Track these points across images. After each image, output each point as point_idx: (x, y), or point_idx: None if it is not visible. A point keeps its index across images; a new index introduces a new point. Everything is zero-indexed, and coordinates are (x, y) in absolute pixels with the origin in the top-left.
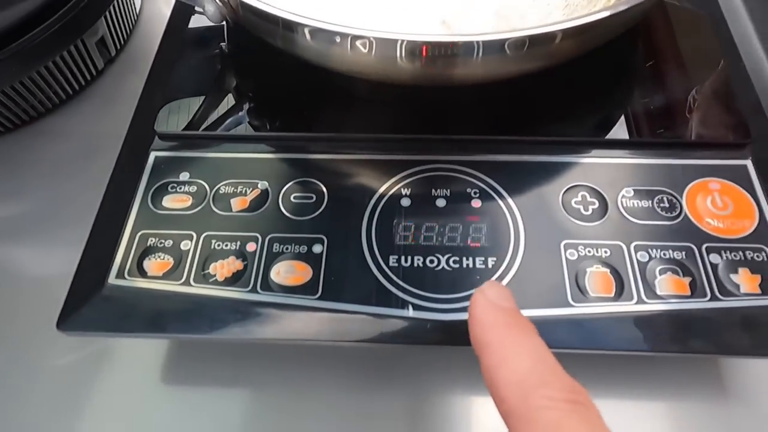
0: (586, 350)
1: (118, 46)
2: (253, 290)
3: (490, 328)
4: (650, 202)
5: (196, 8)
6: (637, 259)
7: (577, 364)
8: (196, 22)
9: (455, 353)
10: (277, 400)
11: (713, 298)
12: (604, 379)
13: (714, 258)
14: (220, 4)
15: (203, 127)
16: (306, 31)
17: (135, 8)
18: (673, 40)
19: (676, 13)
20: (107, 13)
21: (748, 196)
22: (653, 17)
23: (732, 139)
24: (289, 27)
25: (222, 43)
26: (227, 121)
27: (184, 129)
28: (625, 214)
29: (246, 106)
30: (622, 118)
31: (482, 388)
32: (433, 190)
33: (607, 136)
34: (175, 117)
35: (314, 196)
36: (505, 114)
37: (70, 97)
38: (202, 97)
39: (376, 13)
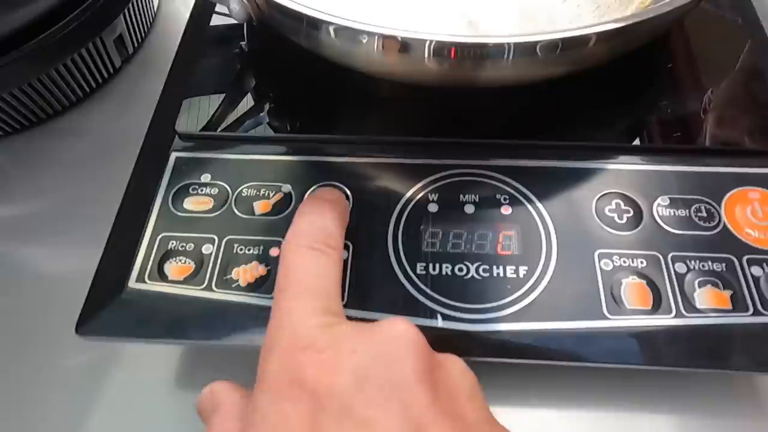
0: (623, 365)
1: (136, 45)
2: None
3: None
4: (687, 211)
5: (219, 6)
6: (674, 271)
7: (610, 378)
8: (217, 20)
9: (488, 367)
10: None
11: (756, 312)
12: (637, 394)
13: (756, 270)
14: (246, 2)
15: (222, 127)
16: (331, 29)
17: (153, 6)
18: (708, 47)
19: (709, 20)
20: (126, 11)
21: None
22: (686, 24)
23: None
24: (315, 25)
25: (242, 43)
26: (247, 122)
27: (203, 129)
28: (662, 223)
29: (266, 107)
30: (656, 124)
31: (516, 401)
32: (462, 196)
33: (640, 143)
34: (195, 117)
35: None
36: (535, 117)
37: (87, 95)
38: (222, 97)
39: (401, 11)
